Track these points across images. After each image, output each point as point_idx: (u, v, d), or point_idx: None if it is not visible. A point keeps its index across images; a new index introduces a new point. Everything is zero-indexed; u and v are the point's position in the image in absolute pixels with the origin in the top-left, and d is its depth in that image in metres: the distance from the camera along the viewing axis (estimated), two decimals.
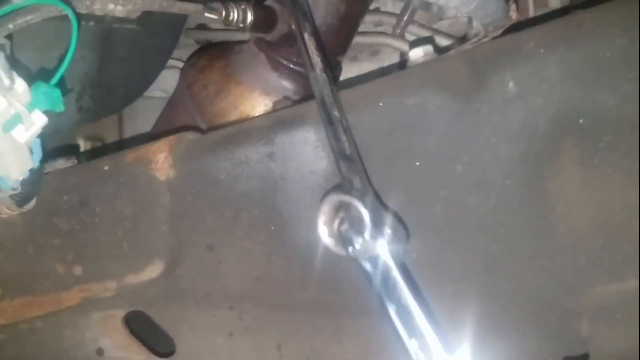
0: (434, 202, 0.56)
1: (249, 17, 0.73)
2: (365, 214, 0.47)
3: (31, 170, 0.54)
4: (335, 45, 0.82)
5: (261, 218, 0.61)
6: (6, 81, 0.43)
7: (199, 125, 0.85)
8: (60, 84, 0.47)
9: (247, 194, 0.62)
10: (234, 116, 0.84)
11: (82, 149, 1.08)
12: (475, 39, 0.60)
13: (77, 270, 0.65)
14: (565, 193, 0.55)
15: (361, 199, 0.48)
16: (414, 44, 0.63)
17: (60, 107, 0.47)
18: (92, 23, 0.68)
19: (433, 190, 0.57)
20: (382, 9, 0.92)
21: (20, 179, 0.52)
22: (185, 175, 0.62)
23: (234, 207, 0.62)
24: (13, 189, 0.56)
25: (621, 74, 0.51)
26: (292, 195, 0.60)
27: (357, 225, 0.48)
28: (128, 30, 0.80)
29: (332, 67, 0.86)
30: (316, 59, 0.59)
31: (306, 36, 0.62)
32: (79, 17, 0.48)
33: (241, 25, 0.73)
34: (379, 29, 0.93)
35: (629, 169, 0.52)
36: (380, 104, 0.58)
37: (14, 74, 0.44)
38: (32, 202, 0.62)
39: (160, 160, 0.62)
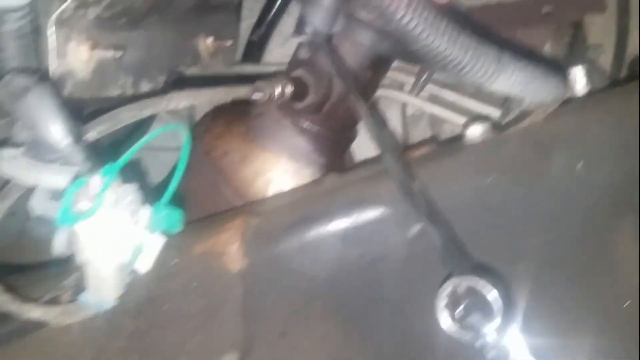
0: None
1: (288, 91, 0.73)
2: (497, 299, 0.47)
3: None
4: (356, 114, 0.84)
5: (337, 302, 0.61)
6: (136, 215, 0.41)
7: (224, 193, 0.83)
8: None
9: (320, 278, 0.61)
10: (261, 183, 0.82)
11: None
12: (530, 117, 0.63)
13: None
14: (626, 268, 0.59)
15: (491, 280, 0.48)
16: (469, 121, 0.65)
17: (179, 227, 0.45)
18: None
19: (510, 266, 0.59)
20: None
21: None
22: (257, 265, 0.61)
23: (306, 293, 0.61)
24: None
25: None
26: (369, 275, 0.61)
27: (484, 311, 0.48)
28: None
29: (351, 137, 0.87)
30: (385, 142, 0.60)
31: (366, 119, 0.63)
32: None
33: (280, 99, 0.72)
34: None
35: None
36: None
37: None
38: None
39: (233, 251, 0.60)
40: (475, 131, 0.64)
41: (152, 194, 0.44)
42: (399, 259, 0.61)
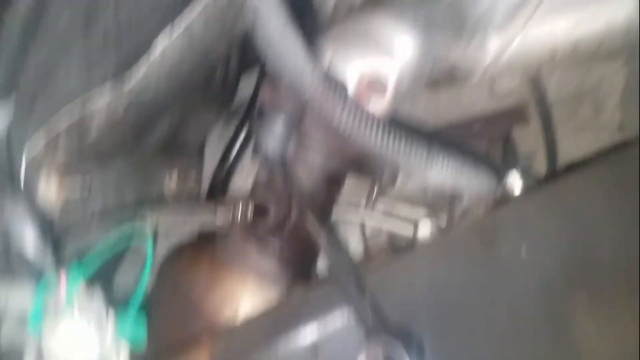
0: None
1: (249, 212, 0.78)
2: None
3: None
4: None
5: None
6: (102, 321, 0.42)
7: (195, 324, 0.83)
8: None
9: None
10: (231, 307, 0.83)
11: None
12: (472, 213, 0.69)
13: None
14: (586, 343, 0.61)
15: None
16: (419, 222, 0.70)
17: (143, 337, 0.46)
18: None
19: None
20: None
21: None
22: None
23: None
24: None
25: (607, 230, 0.63)
26: None
27: None
28: None
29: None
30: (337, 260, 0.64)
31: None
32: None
33: (242, 220, 0.77)
34: None
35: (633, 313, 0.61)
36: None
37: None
38: None
39: None
40: (424, 229, 0.69)
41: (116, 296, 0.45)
42: None
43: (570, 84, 1.07)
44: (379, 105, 0.77)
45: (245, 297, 0.83)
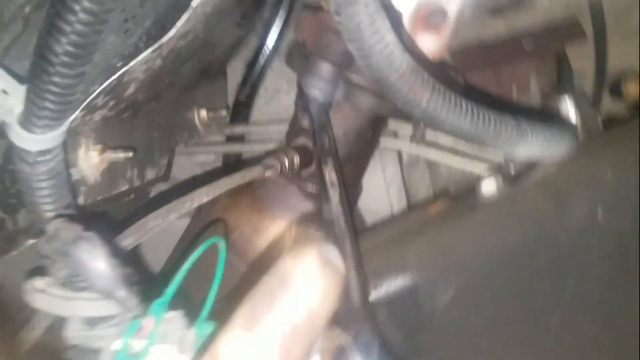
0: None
1: (296, 163, 0.73)
2: None
3: None
4: (361, 170, 0.85)
5: None
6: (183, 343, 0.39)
7: (237, 268, 0.82)
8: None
9: None
10: (275, 254, 0.81)
11: None
12: (541, 168, 0.64)
13: None
14: None
15: None
16: (481, 179, 0.66)
17: None
18: None
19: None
20: None
21: None
22: None
23: None
24: None
25: None
26: None
27: None
28: None
29: (357, 193, 0.87)
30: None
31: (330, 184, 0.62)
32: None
33: (289, 172, 0.72)
34: None
35: None
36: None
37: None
38: None
39: None
40: (490, 186, 0.65)
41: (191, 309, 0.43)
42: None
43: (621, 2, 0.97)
44: (435, 42, 0.69)
45: (289, 243, 0.81)
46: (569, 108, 0.71)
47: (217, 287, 0.45)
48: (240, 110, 1.12)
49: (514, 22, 0.93)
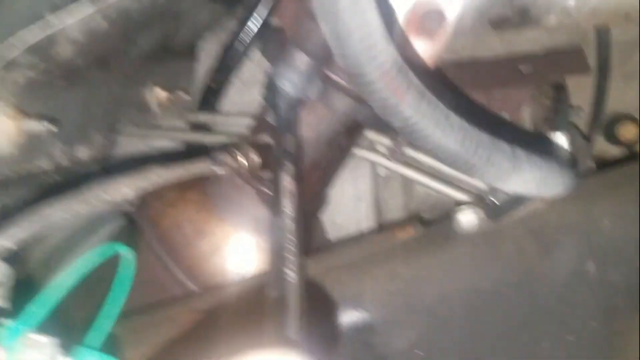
0: None
1: (256, 162, 0.63)
2: None
3: None
4: (327, 179, 0.76)
5: None
6: None
7: (173, 273, 0.72)
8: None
9: None
10: (217, 261, 0.72)
11: None
12: (529, 204, 0.56)
13: None
14: None
15: None
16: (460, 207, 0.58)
17: None
18: None
19: None
20: None
21: None
22: None
23: None
24: None
25: None
26: None
27: None
28: None
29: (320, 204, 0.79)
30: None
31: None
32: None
33: (248, 171, 0.63)
34: None
35: None
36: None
37: None
38: None
39: None
40: (469, 217, 0.56)
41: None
42: None
43: (628, 34, 0.91)
44: (427, 50, 0.60)
45: (236, 250, 0.71)
46: (562, 145, 0.64)
47: (118, 309, 0.35)
48: (209, 98, 1.02)
49: (514, 40, 0.86)
